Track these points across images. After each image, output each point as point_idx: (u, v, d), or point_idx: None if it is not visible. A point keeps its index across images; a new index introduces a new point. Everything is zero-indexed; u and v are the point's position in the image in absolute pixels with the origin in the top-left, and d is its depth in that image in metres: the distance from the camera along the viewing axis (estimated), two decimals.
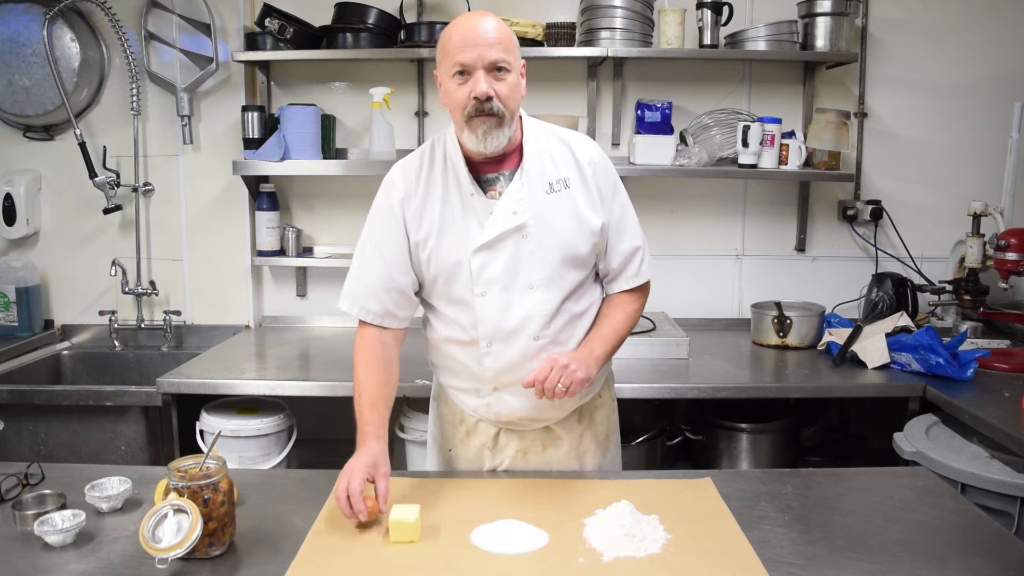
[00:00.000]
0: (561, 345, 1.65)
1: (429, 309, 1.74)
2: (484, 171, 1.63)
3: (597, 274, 1.75)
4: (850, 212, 3.10)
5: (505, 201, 1.59)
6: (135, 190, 3.02)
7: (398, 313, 1.69)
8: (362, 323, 1.69)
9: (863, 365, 2.55)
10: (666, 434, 2.68)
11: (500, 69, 1.52)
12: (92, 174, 2.91)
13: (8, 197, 2.95)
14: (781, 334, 2.81)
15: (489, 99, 1.51)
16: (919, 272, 3.10)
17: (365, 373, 1.64)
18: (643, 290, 1.77)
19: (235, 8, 2.95)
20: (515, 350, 1.63)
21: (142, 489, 1.56)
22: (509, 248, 1.59)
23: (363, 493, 1.44)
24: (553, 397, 1.53)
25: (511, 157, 1.63)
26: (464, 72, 1.52)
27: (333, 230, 3.16)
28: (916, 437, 2.14)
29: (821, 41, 2.86)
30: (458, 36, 1.51)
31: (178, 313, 3.05)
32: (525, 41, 2.84)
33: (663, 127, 2.95)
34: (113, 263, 2.95)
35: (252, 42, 2.90)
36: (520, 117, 1.65)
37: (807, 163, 2.93)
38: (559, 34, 2.89)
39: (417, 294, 1.71)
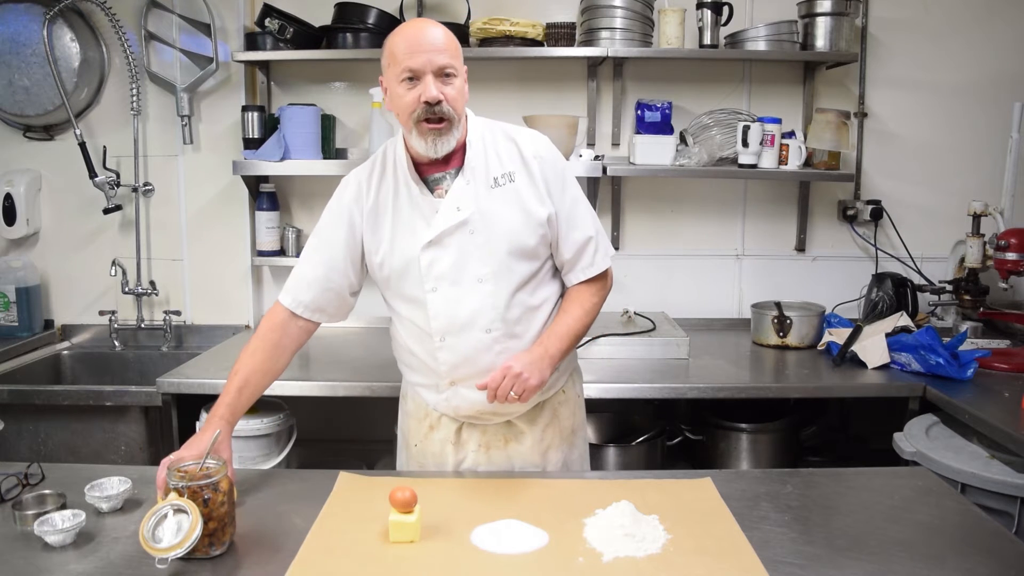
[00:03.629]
0: (516, 339, 1.68)
1: (389, 308, 1.79)
2: (430, 172, 1.68)
3: (556, 268, 1.77)
4: (850, 212, 3.11)
5: (449, 199, 1.64)
6: (135, 190, 3.02)
7: (327, 309, 1.76)
8: (278, 304, 1.77)
9: (863, 365, 2.55)
10: (666, 434, 2.67)
11: (448, 75, 1.58)
12: (92, 174, 2.91)
13: (8, 197, 2.95)
14: (781, 334, 2.81)
15: (439, 102, 1.56)
16: (919, 272, 3.10)
17: (250, 357, 1.69)
18: (602, 282, 1.78)
19: (235, 8, 2.95)
20: (468, 344, 1.66)
21: (142, 489, 1.56)
22: (456, 244, 1.64)
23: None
24: (505, 402, 1.58)
25: (456, 156, 1.67)
26: (413, 77, 1.57)
27: None
28: (916, 437, 2.14)
29: (821, 41, 2.86)
30: (406, 43, 1.56)
31: (178, 313, 3.05)
32: (525, 41, 2.84)
33: (663, 127, 2.95)
34: (113, 263, 2.95)
35: (252, 42, 2.90)
36: (465, 117, 1.68)
37: (807, 163, 2.93)
38: (559, 34, 2.89)
39: (354, 295, 1.79)
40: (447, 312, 1.65)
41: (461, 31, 2.86)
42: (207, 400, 2.52)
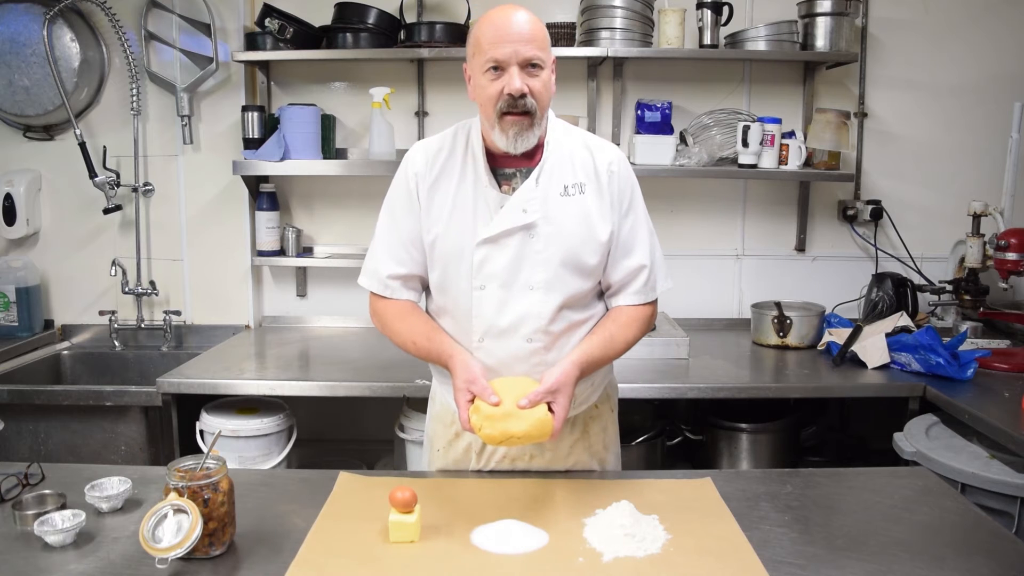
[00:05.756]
0: (553, 352, 1.62)
1: (429, 300, 1.74)
2: (503, 165, 1.62)
3: None
4: (850, 212, 3.11)
5: (517, 198, 1.58)
6: (135, 190, 3.02)
7: (418, 287, 1.71)
8: (375, 296, 1.70)
9: (863, 365, 2.55)
10: (666, 434, 2.68)
11: (534, 66, 1.52)
12: (92, 174, 2.91)
13: (8, 197, 2.95)
14: (781, 334, 2.81)
15: (523, 96, 1.51)
16: (919, 272, 3.10)
17: (405, 325, 1.65)
18: (648, 317, 1.72)
19: (235, 8, 2.95)
20: (506, 350, 1.62)
21: (142, 489, 1.56)
22: (514, 245, 1.58)
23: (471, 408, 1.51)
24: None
25: (531, 155, 1.61)
26: (498, 68, 1.52)
27: (333, 230, 3.16)
28: (916, 437, 2.14)
29: (821, 41, 2.86)
30: (492, 31, 1.51)
31: (178, 313, 3.05)
32: None
33: (663, 127, 2.95)
34: (113, 263, 2.95)
35: (252, 42, 2.90)
36: (547, 116, 1.63)
37: (807, 163, 2.93)
38: (559, 34, 2.89)
39: None
40: (492, 313, 1.60)
41: (461, 31, 2.86)
42: (207, 400, 2.53)
